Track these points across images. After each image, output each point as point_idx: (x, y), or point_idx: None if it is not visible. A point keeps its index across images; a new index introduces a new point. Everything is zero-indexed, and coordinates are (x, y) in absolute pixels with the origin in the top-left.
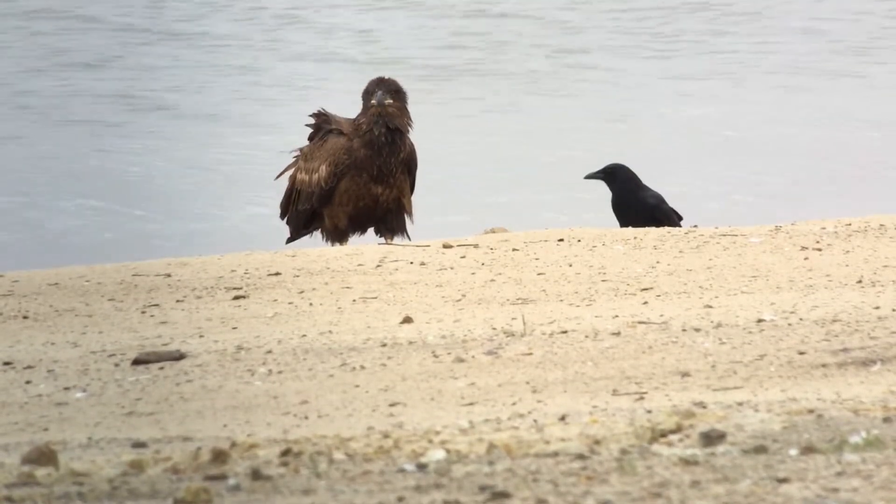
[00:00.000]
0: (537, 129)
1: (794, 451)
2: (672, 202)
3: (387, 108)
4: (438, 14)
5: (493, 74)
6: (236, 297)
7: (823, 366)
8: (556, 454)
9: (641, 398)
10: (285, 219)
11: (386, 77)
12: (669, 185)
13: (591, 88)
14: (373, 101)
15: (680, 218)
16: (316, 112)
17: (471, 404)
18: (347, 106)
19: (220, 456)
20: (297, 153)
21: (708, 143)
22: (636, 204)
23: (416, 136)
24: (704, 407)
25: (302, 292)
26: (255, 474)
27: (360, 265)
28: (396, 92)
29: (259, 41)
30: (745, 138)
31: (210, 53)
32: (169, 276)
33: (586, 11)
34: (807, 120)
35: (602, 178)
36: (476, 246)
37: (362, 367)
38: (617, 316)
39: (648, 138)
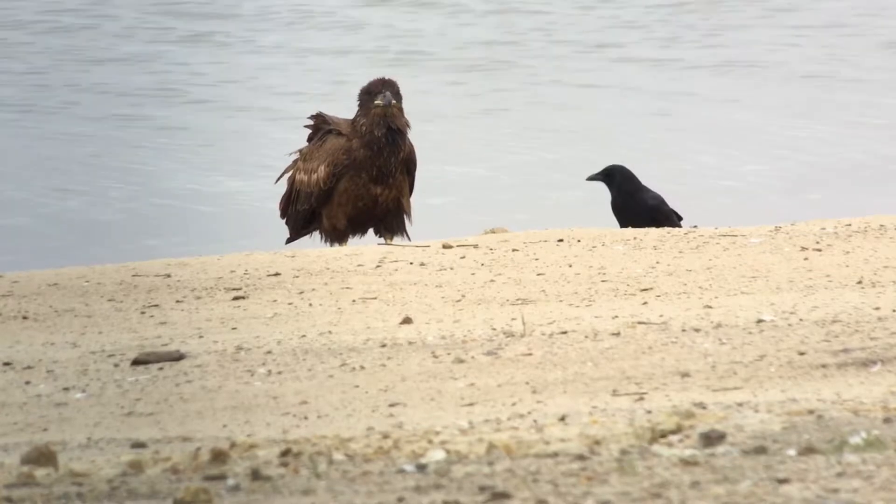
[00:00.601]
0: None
1: (794, 452)
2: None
3: (392, 108)
4: (458, 9)
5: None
6: (236, 298)
7: (823, 366)
8: (555, 454)
9: (641, 398)
10: (285, 219)
11: (387, 78)
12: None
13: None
14: (378, 102)
15: (680, 218)
16: (313, 115)
17: (471, 405)
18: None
19: (219, 456)
20: (297, 154)
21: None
22: (636, 205)
23: (439, 129)
24: (704, 407)
25: (302, 293)
26: (255, 474)
27: (359, 265)
28: (397, 93)
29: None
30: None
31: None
32: (169, 276)
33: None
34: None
35: (602, 180)
36: (476, 246)
37: (362, 368)
38: (617, 316)
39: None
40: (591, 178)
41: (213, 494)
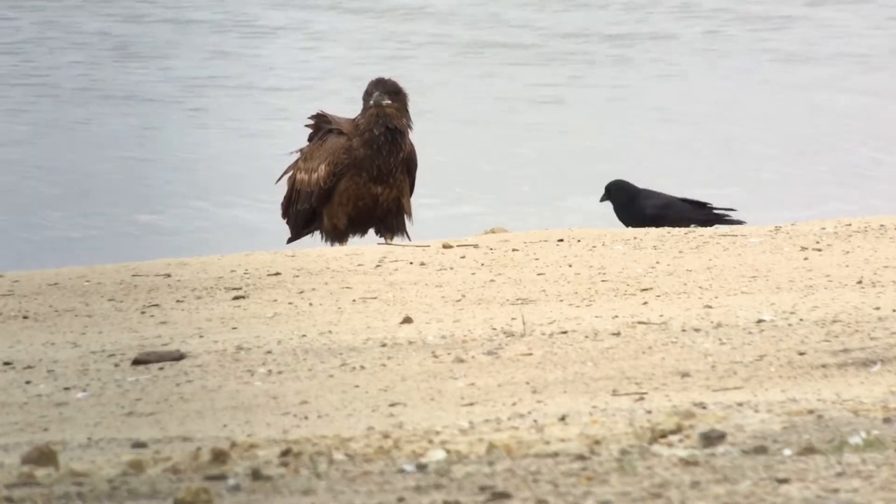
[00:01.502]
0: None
1: (794, 452)
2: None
3: (384, 108)
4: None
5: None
6: (236, 298)
7: (823, 366)
8: (556, 454)
9: (641, 398)
10: (286, 219)
11: (385, 78)
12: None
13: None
14: (370, 102)
15: (706, 217)
16: (315, 114)
17: (471, 404)
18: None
19: (220, 456)
20: (298, 153)
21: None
22: (637, 214)
23: (455, 126)
24: (704, 407)
25: (302, 292)
26: (255, 474)
27: (359, 265)
28: (395, 93)
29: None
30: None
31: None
32: (169, 276)
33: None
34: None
35: (606, 199)
36: (476, 246)
37: (362, 367)
38: (617, 316)
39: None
40: (602, 201)
41: (214, 494)
